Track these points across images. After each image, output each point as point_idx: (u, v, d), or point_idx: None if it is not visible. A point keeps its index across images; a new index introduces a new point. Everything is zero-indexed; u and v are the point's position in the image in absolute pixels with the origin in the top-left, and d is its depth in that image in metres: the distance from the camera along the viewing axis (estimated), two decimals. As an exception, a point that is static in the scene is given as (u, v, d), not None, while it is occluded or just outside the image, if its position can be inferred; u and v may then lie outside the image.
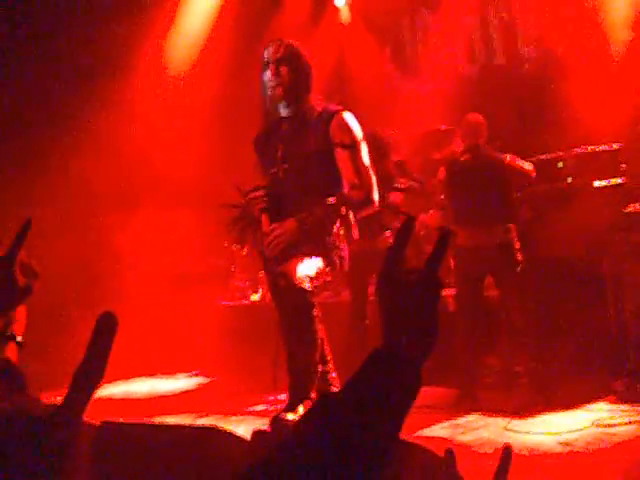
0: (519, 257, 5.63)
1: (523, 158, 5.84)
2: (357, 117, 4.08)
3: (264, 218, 3.88)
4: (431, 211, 6.15)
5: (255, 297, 7.91)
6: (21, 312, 1.65)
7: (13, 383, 1.28)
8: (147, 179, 7.76)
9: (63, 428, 0.97)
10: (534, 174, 5.75)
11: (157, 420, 5.07)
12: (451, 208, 5.89)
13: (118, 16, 7.66)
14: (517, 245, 5.64)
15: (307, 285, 3.64)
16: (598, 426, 4.59)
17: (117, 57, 7.62)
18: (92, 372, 0.99)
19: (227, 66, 8.07)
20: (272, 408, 4.45)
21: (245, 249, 4.76)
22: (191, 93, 8.19)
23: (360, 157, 3.95)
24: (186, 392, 6.92)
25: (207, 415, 5.58)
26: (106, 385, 5.09)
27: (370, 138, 6.30)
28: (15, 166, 7.00)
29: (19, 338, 1.61)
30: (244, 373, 6.54)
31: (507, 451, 1.43)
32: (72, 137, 7.22)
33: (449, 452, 1.52)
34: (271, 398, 4.36)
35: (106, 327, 1.01)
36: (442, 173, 5.91)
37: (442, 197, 6.08)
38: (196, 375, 7.56)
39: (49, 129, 7.23)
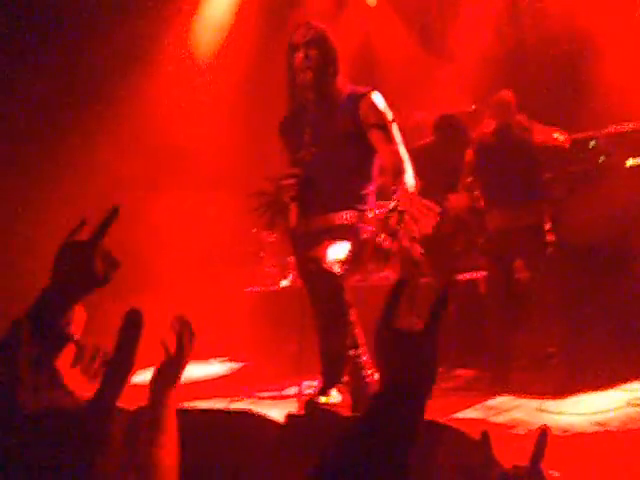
0: (550, 238, 5.59)
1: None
2: (386, 101, 4.07)
3: (293, 207, 3.88)
4: (460, 193, 6.10)
5: (285, 283, 7.92)
6: (79, 312, 1.65)
7: (50, 378, 1.30)
8: (174, 165, 7.79)
9: (96, 421, 0.99)
10: (568, 144, 5.68)
11: (191, 405, 5.11)
12: (480, 190, 5.85)
13: (144, 4, 7.69)
14: (548, 226, 5.60)
15: (337, 269, 3.64)
16: (633, 406, 4.55)
17: (143, 45, 7.66)
18: (121, 366, 1.01)
19: (253, 51, 8.07)
20: (304, 392, 4.46)
21: (274, 235, 4.78)
22: (217, 79, 8.19)
23: (394, 137, 3.94)
24: (219, 377, 6.96)
25: (241, 399, 5.61)
26: (140, 371, 5.15)
27: (451, 121, 6.33)
28: (41, 151, 7.05)
29: (76, 337, 1.62)
30: (275, 358, 6.57)
31: (543, 433, 1.43)
32: (99, 124, 7.26)
33: (484, 434, 1.53)
34: (305, 382, 4.37)
35: (133, 323, 1.03)
36: (470, 154, 5.87)
37: (470, 179, 6.02)
38: (229, 360, 7.61)
39: (75, 115, 7.28)
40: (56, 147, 7.00)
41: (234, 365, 7.44)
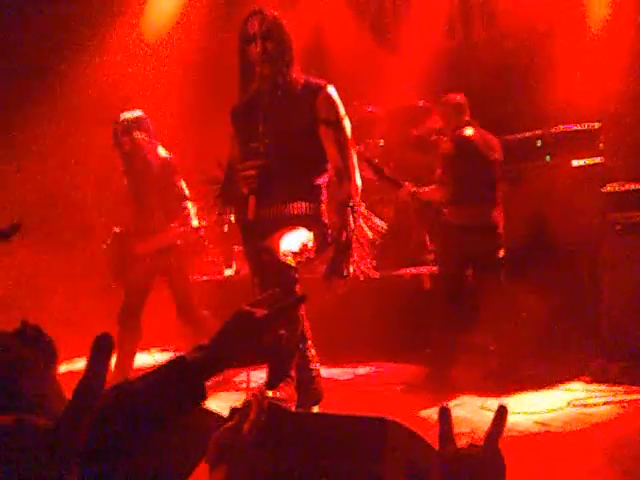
0: (502, 240, 5.60)
1: (502, 135, 5.82)
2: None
3: (252, 200, 3.82)
4: (433, 185, 5.80)
5: (229, 272, 7.80)
6: None
7: (45, 353, 1.26)
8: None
9: (62, 442, 0.94)
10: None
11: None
12: (452, 185, 5.58)
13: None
14: (500, 228, 5.59)
15: (291, 260, 3.60)
16: (574, 406, 4.59)
17: (94, 26, 7.54)
18: (91, 389, 0.97)
19: (203, 35, 7.97)
20: (246, 384, 4.40)
21: (225, 225, 4.72)
22: (166, 62, 8.07)
23: (345, 135, 3.93)
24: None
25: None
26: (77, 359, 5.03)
27: None
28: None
29: None
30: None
31: (501, 410, 1.38)
32: (41, 97, 7.15)
33: (443, 410, 1.48)
34: (243, 374, 4.29)
35: (103, 347, 0.99)
36: (449, 148, 5.64)
37: (439, 172, 5.75)
38: (169, 350, 7.47)
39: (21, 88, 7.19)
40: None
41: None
